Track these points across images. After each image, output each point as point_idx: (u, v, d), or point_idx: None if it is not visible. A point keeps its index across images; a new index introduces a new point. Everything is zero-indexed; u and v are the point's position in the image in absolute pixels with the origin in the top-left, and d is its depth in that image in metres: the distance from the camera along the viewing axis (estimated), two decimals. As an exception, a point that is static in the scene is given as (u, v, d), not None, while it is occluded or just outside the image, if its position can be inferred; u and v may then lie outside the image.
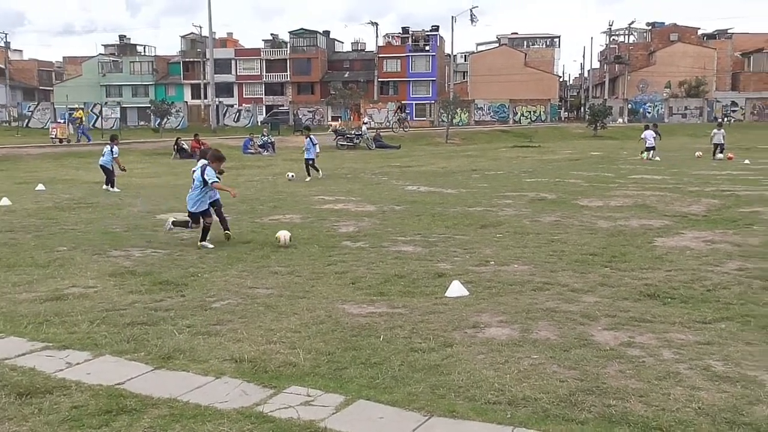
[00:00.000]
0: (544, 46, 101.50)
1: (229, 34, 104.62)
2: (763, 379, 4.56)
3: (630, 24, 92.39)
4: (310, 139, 22.42)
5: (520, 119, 78.48)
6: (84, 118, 44.26)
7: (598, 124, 59.26)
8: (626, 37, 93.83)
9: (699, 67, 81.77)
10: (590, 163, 29.08)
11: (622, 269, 8.34)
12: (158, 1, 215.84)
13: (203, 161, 10.43)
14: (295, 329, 5.88)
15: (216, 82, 70.36)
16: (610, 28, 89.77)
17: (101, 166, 18.99)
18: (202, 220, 10.30)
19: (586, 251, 9.44)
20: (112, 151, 18.90)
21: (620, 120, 74.94)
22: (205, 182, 10.13)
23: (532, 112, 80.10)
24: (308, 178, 21.72)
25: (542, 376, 4.68)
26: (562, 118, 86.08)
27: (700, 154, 33.97)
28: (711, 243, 10.03)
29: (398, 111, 66.66)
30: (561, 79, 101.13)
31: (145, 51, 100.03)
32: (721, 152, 31.16)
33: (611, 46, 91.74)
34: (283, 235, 10.14)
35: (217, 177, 10.34)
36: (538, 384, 4.54)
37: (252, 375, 4.85)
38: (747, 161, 28.83)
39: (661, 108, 79.41)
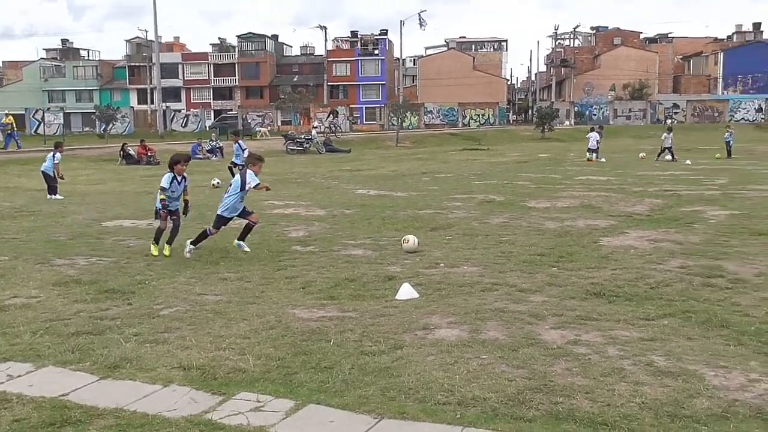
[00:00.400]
0: (491, 49, 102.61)
1: (176, 38, 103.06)
2: (703, 373, 4.69)
3: (575, 28, 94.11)
4: (239, 144, 22.13)
5: (469, 122, 79.22)
6: (13, 124, 43.01)
7: (545, 127, 60.19)
8: (572, 41, 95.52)
9: (642, 71, 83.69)
10: (538, 165, 29.51)
11: (569, 269, 8.48)
12: (102, 5, 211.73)
13: (179, 170, 9.94)
14: (244, 335, 5.83)
15: (163, 87, 69.32)
16: (555, 32, 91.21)
17: (42, 172, 18.56)
18: (222, 224, 9.97)
19: (534, 252, 9.57)
20: (54, 157, 18.49)
21: (567, 122, 76.22)
22: (243, 187, 9.69)
23: (480, 115, 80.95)
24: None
25: (491, 376, 4.73)
26: (511, 121, 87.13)
27: (644, 155, 34.76)
28: (654, 242, 10.27)
29: (330, 116, 66.70)
30: (509, 83, 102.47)
31: (89, 55, 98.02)
32: (670, 153, 31.91)
33: (557, 49, 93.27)
34: (413, 240, 9.92)
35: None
36: (487, 384, 4.59)
37: (201, 382, 4.80)
38: (688, 161, 29.62)
39: (607, 110, 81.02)
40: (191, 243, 9.75)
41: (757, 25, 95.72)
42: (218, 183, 20.94)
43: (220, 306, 6.88)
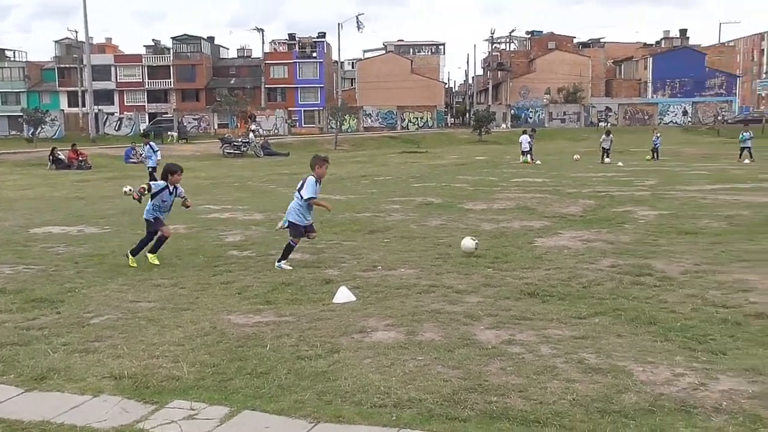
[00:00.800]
0: (429, 53, 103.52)
1: (108, 39, 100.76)
2: (631, 369, 4.82)
3: (511, 32, 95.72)
4: (150, 146, 21.39)
5: (408, 125, 79.67)
6: None
7: (482, 130, 61.03)
8: (507, 45, 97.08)
9: (575, 74, 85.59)
10: (475, 168, 29.88)
11: (504, 269, 8.60)
12: (28, 4, 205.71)
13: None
14: (178, 342, 5.73)
15: (94, 90, 67.71)
16: (492, 36, 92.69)
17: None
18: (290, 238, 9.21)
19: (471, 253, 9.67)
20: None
21: (504, 125, 77.39)
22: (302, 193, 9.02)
23: (419, 119, 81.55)
24: None
25: (427, 377, 4.76)
26: (449, 124, 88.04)
27: (578, 157, 35.55)
28: (587, 242, 10.51)
29: (249, 119, 66.27)
30: (447, 86, 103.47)
31: (15, 56, 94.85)
32: (608, 156, 32.70)
33: (493, 53, 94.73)
34: (472, 243, 9.63)
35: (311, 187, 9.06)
36: (423, 385, 4.62)
37: (133, 391, 4.69)
38: (620, 163, 30.41)
39: (542, 113, 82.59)
40: (281, 260, 9.03)
41: (683, 32, 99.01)
42: (130, 190, 19.46)
43: (153, 313, 6.74)
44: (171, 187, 9.44)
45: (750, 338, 5.68)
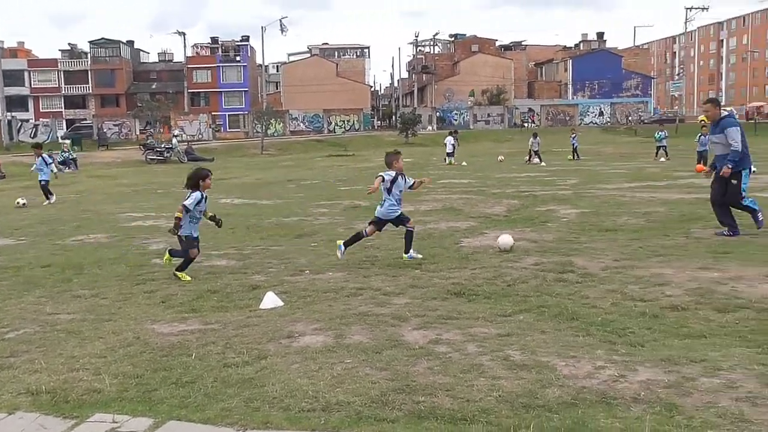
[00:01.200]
0: (354, 56, 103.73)
1: (20, 43, 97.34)
2: (555, 364, 4.93)
3: (434, 35, 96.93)
4: (42, 158, 20.52)
5: (334, 128, 79.60)
6: None
7: (409, 132, 61.51)
8: (432, 47, 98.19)
9: (499, 77, 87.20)
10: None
11: (431, 270, 8.68)
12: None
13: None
14: (100, 354, 5.57)
15: (7, 95, 65.27)
16: (416, 39, 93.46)
17: None
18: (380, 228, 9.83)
19: (398, 255, 9.72)
20: None
21: (430, 127, 78.19)
22: (391, 190, 9.84)
23: (346, 122, 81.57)
24: (46, 202, 19.51)
25: (355, 380, 4.76)
26: (376, 127, 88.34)
27: (503, 158, 36.19)
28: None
29: (148, 126, 65.25)
30: (372, 89, 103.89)
31: None
32: (538, 157, 33.38)
33: (418, 56, 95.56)
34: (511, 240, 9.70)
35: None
36: (351, 388, 4.62)
37: (51, 407, 4.53)
38: (543, 163, 31.11)
39: (467, 115, 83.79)
40: (344, 244, 9.55)
41: (600, 35, 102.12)
42: (24, 203, 19.21)
43: (73, 325, 6.53)
44: (204, 194, 8.95)
45: (666, 330, 5.89)
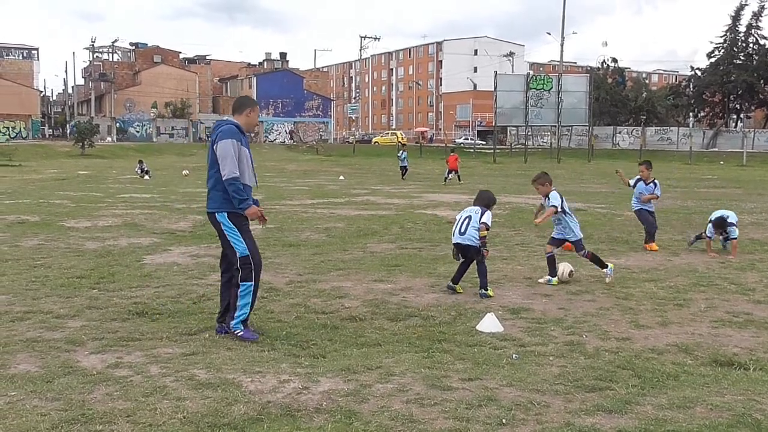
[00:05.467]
0: (20, 57, 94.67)
1: None
2: (241, 380, 4.94)
3: (114, 42, 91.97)
4: None
5: (-3, 135, 71.97)
6: None
7: (85, 143, 57.66)
8: (110, 55, 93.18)
9: (183, 90, 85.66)
10: (78, 183, 28.11)
11: (111, 290, 8.20)
12: None
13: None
14: None
15: None
16: (93, 45, 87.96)
17: None
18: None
19: (73, 274, 9.03)
20: None
21: (109, 138, 74.16)
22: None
23: (10, 128, 74.11)
24: None
25: (21, 414, 4.30)
26: (47, 135, 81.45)
27: (188, 172, 35.58)
28: (196, 257, 10.54)
29: None
30: (43, 94, 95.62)
31: None
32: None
33: (95, 63, 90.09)
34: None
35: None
36: (16, 423, 4.16)
37: None
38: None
39: (150, 127, 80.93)
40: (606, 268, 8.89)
41: (283, 55, 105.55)
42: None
43: None
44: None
45: (345, 340, 6.22)
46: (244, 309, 6.19)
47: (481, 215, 8.28)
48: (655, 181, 11.73)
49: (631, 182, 11.72)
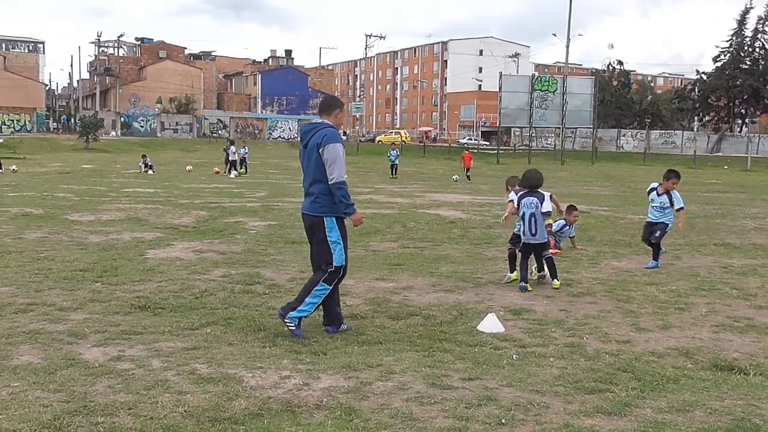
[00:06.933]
0: (26, 50, 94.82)
1: None
2: (242, 375, 4.96)
3: (119, 37, 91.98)
4: None
5: (1, 128, 72.07)
6: None
7: (89, 137, 57.77)
8: (116, 49, 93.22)
9: (187, 85, 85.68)
10: (82, 177, 28.18)
11: (114, 283, 8.23)
12: None
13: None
14: None
15: None
16: (98, 39, 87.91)
17: None
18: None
19: (76, 267, 9.06)
20: None
21: (114, 133, 74.29)
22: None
23: (15, 121, 74.24)
24: None
25: (23, 404, 4.32)
26: (51, 129, 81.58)
27: (191, 168, 35.64)
28: (199, 252, 10.56)
29: None
30: (48, 88, 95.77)
31: None
32: (234, 168, 33.02)
33: (101, 57, 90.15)
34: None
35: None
36: (19, 413, 4.19)
37: None
38: (232, 175, 31.12)
39: (154, 122, 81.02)
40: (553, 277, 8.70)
41: (288, 52, 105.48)
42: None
43: None
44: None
45: (346, 338, 6.25)
46: (309, 307, 6.21)
47: (541, 205, 8.34)
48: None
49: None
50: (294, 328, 6.15)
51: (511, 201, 9.01)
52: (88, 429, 4.03)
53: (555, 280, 8.62)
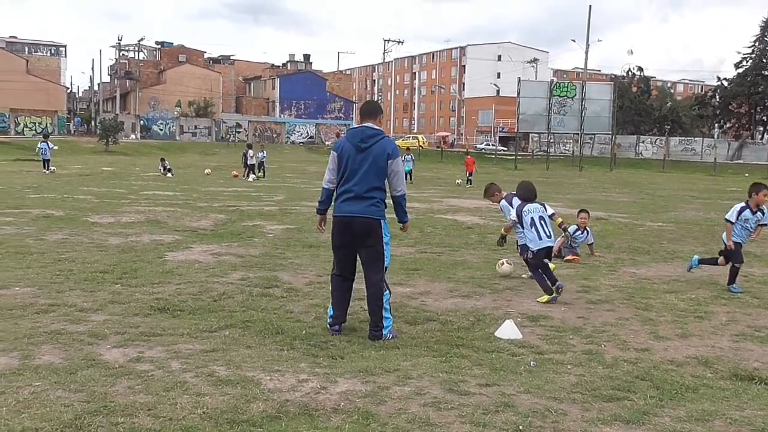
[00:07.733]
0: (48, 54, 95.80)
1: None
2: (260, 378, 4.99)
3: (140, 41, 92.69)
4: None
5: (23, 130, 72.82)
6: None
7: (109, 140, 58.26)
8: (136, 53, 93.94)
9: (206, 89, 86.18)
10: (102, 179, 28.41)
11: (133, 285, 8.30)
12: None
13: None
14: None
15: None
16: (119, 43, 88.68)
17: None
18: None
19: (96, 269, 9.15)
20: None
21: (133, 136, 74.84)
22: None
23: (37, 124, 74.99)
24: None
25: (45, 404, 4.38)
26: (72, 132, 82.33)
27: (210, 171, 35.83)
28: (218, 255, 10.62)
29: None
30: (69, 91, 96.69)
31: None
32: (252, 171, 33.16)
33: (121, 61, 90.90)
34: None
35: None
36: (40, 413, 4.24)
37: None
38: (250, 179, 31.28)
39: (173, 126, 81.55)
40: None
41: (307, 56, 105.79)
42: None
43: None
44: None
45: (363, 342, 6.27)
46: (388, 316, 6.51)
47: (544, 209, 8.67)
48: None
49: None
50: (390, 336, 6.41)
51: (512, 219, 9.01)
52: (108, 429, 4.07)
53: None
